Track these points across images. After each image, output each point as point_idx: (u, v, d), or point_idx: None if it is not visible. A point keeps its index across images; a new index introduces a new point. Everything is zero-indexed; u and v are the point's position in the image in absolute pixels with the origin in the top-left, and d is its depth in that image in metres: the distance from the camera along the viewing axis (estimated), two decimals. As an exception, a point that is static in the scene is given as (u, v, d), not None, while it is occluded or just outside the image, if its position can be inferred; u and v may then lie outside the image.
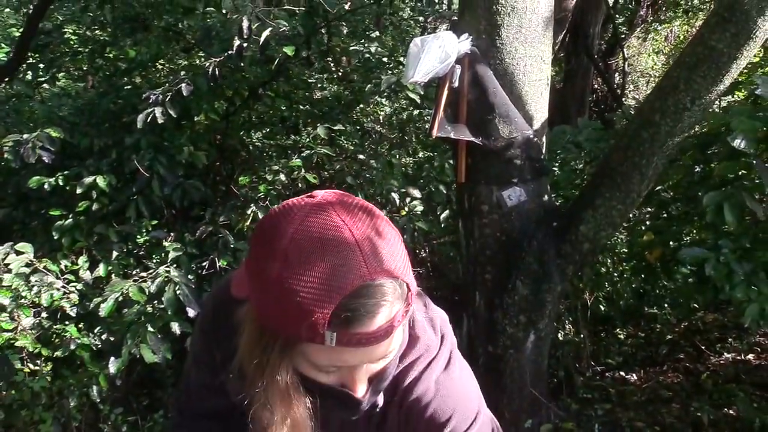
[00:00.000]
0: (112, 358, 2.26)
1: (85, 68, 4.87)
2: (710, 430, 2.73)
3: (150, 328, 2.27)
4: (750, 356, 3.64)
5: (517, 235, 2.49)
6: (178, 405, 1.19)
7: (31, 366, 2.41)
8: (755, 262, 2.62)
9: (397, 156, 3.98)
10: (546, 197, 2.60)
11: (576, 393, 3.18)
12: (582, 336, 3.61)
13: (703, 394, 3.13)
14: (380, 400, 0.95)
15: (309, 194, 0.81)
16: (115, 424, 2.66)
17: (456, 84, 2.46)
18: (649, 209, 3.49)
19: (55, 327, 2.70)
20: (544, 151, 2.63)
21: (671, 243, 3.07)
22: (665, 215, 3.28)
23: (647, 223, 3.49)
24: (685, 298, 2.99)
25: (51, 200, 3.35)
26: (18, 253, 2.62)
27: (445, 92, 2.46)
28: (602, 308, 3.93)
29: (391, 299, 0.75)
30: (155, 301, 2.39)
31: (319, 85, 4.20)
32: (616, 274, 4.01)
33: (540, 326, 2.51)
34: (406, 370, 0.94)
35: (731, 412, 2.99)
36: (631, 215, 3.76)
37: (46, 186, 3.15)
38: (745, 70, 2.93)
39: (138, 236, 3.08)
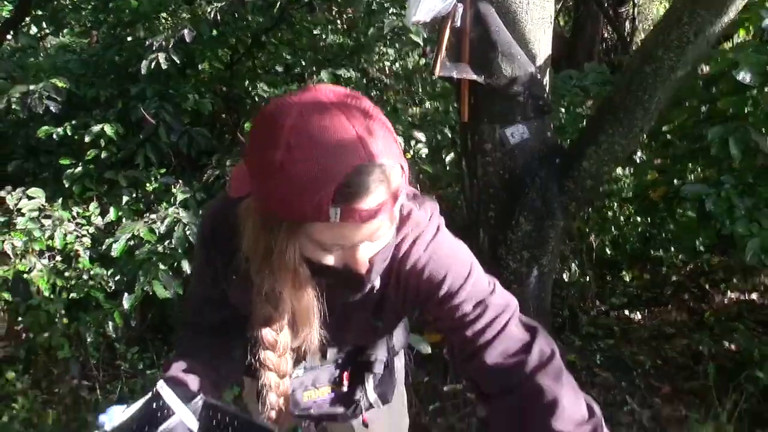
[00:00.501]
0: (126, 294, 2.34)
1: (89, 24, 4.85)
2: (710, 362, 2.78)
3: (161, 266, 2.34)
4: (754, 295, 3.69)
5: (520, 173, 2.51)
6: (183, 320, 1.24)
7: (45, 294, 2.49)
8: (757, 198, 2.64)
9: (404, 104, 3.97)
10: (549, 135, 2.61)
11: (580, 330, 3.24)
12: (587, 277, 3.65)
13: (705, 330, 3.18)
14: (377, 282, 1.00)
15: (304, 88, 0.84)
16: (131, 362, 2.75)
17: (458, 23, 2.45)
18: (656, 150, 3.48)
19: (67, 274, 2.78)
20: (547, 89, 2.62)
21: (675, 181, 3.08)
22: (670, 155, 3.28)
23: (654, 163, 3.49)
24: (687, 235, 3.01)
25: (60, 150, 3.40)
26: (29, 198, 2.68)
27: (447, 31, 2.45)
28: (608, 252, 3.97)
29: (388, 177, 0.80)
30: (166, 242, 2.45)
31: (323, 36, 4.17)
32: (622, 219, 4.03)
33: (543, 262, 2.54)
34: (399, 246, 1.00)
35: (732, 347, 3.05)
36: (637, 158, 3.77)
37: (54, 136, 3.19)
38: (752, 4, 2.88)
39: (147, 184, 3.13)
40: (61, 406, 2.71)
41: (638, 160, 3.73)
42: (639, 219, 3.97)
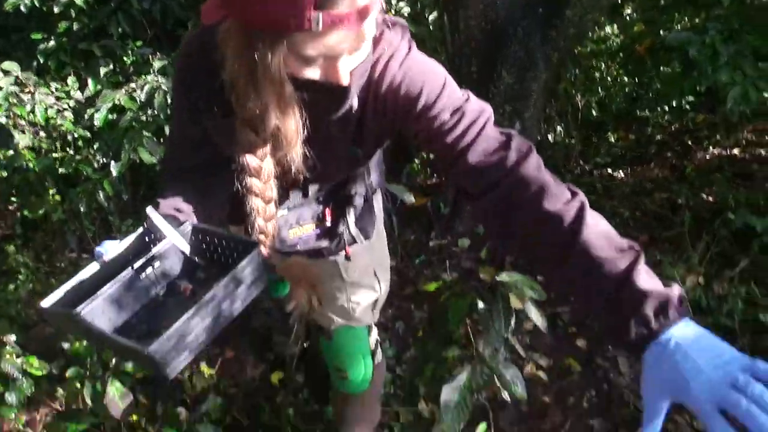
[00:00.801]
0: (113, 162, 2.36)
1: None
2: (687, 211, 2.88)
3: (145, 133, 2.35)
4: (735, 150, 3.74)
5: (502, 24, 2.45)
6: (165, 162, 1.26)
7: (30, 159, 2.51)
8: (743, 44, 2.60)
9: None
10: (533, -16, 2.53)
11: (562, 188, 3.32)
12: (572, 138, 3.69)
13: (685, 184, 3.26)
14: (356, 102, 1.03)
15: None
16: (128, 232, 2.82)
17: None
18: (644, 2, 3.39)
19: (56, 155, 2.79)
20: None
21: (661, 32, 3.03)
22: (658, 5, 3.20)
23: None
24: (672, 90, 3.00)
25: (30, 25, 3.29)
26: (5, 72, 2.63)
27: None
28: (594, 113, 3.97)
29: None
30: (148, 110, 2.44)
31: None
32: (609, 79, 4.00)
33: (525, 116, 2.56)
34: (374, 66, 1.03)
35: (710, 198, 3.14)
36: (627, 15, 3.68)
37: (22, 8, 3.07)
38: None
39: (124, 57, 3.06)
40: (64, 275, 2.82)
41: (626, 15, 3.65)
42: (626, 79, 3.94)
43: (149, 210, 1.05)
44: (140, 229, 1.09)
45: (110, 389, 1.37)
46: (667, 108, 4.08)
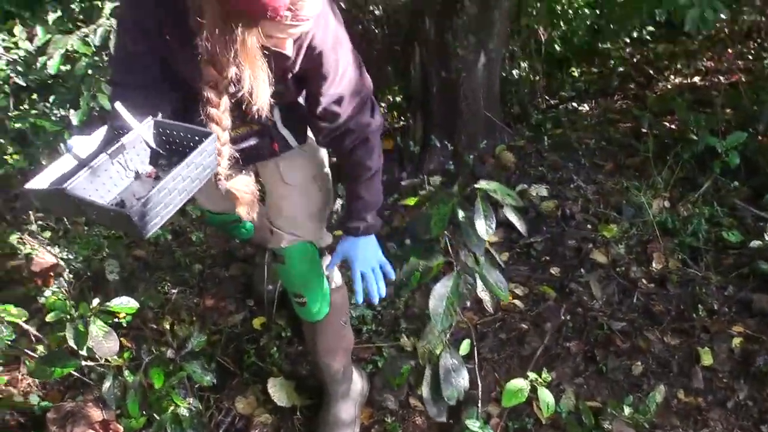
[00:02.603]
0: (72, 111, 2.28)
1: None
2: (650, 136, 2.93)
3: (102, 78, 2.27)
4: (696, 79, 3.80)
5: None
6: (112, 80, 1.39)
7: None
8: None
9: None
10: None
11: (529, 121, 3.34)
12: (537, 73, 3.68)
13: (648, 112, 3.31)
14: (293, 52, 1.23)
15: None
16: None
17: None
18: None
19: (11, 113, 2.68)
20: None
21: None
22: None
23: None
24: (631, 7, 3.00)
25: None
26: (-54, 23, 2.48)
27: None
28: (557, 48, 3.96)
29: None
30: (103, 53, 2.36)
31: None
32: (570, 12, 3.98)
33: (490, 47, 2.55)
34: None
35: (672, 126, 3.21)
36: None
37: (-43, -43, 2.88)
38: None
39: (72, 3, 2.91)
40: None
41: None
42: (587, 11, 3.93)
43: (117, 105, 1.14)
44: (104, 127, 1.19)
45: (93, 328, 1.36)
46: (627, 40, 4.11)
